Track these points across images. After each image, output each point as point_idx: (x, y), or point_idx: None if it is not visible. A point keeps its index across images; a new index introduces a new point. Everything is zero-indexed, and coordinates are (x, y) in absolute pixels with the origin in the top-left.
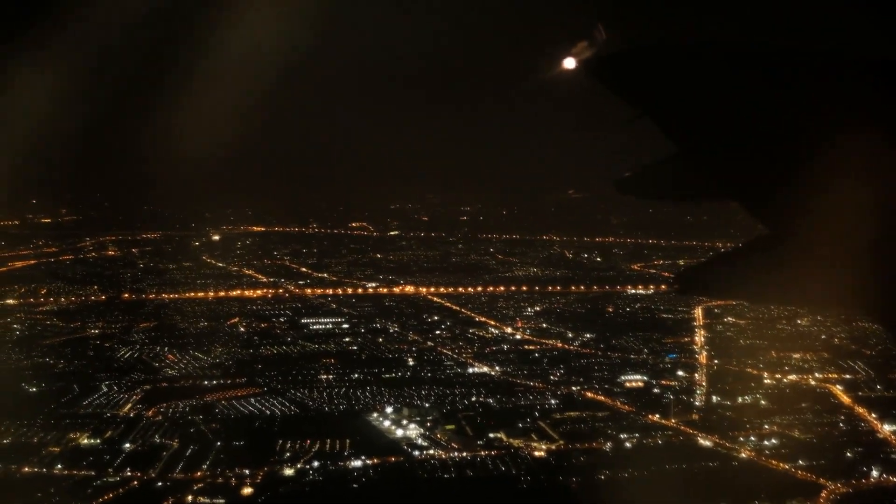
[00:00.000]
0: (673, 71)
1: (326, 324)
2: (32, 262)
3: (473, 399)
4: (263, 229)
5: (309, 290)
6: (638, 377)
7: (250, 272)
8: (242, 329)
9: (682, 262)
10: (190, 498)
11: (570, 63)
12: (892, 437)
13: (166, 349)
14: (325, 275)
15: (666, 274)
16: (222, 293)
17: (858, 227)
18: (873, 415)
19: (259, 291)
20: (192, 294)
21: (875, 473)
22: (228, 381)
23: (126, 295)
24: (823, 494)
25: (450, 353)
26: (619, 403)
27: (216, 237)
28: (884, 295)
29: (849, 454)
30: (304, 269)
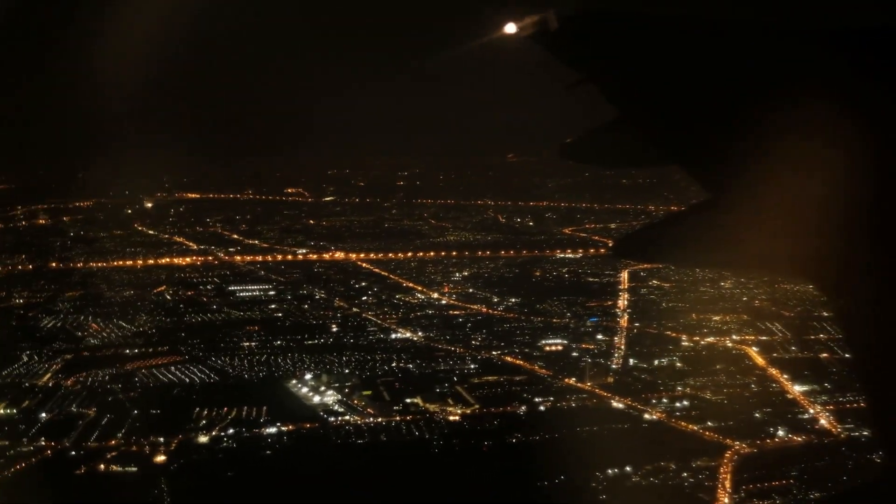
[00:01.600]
0: (618, 37)
1: (253, 291)
2: None
3: (394, 365)
4: (198, 196)
5: (238, 258)
6: (558, 341)
7: (181, 240)
8: (169, 297)
9: (613, 226)
10: (102, 466)
11: (510, 28)
12: (802, 397)
13: (90, 318)
14: (256, 242)
15: (596, 238)
16: (151, 261)
17: (797, 190)
18: (785, 376)
19: (188, 259)
20: (121, 262)
21: (781, 433)
22: (150, 350)
23: (54, 264)
24: (728, 455)
25: (374, 318)
26: (537, 367)
27: (149, 204)
28: (821, 257)
29: (757, 415)
30: (235, 237)
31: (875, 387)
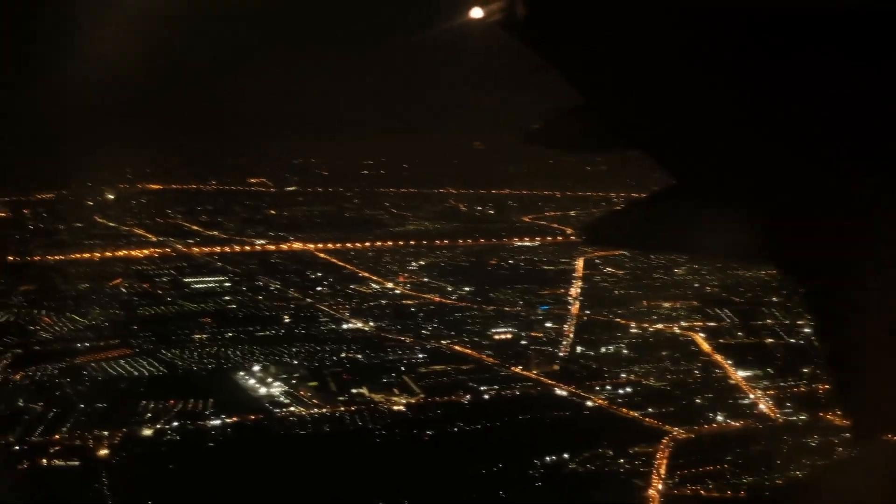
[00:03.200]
0: (584, 20)
1: (209, 283)
2: None
3: (343, 355)
4: (160, 187)
5: (196, 249)
6: (508, 329)
7: (141, 231)
8: (124, 290)
9: (573, 214)
10: (45, 461)
11: (477, 12)
12: (744, 383)
13: (43, 312)
14: (216, 232)
15: (555, 226)
16: (109, 254)
17: (763, 174)
18: (729, 361)
19: (146, 251)
20: (78, 255)
21: (719, 419)
22: (101, 343)
23: (10, 257)
24: (665, 440)
25: (327, 309)
26: (484, 356)
27: (111, 196)
28: (786, 241)
29: (698, 401)
30: (195, 228)
31: (842, 374)
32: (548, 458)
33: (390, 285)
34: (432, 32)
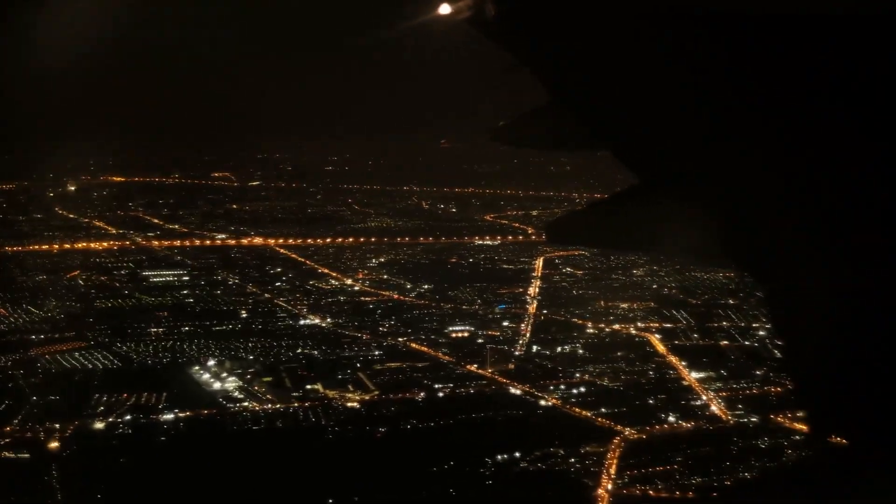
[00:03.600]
0: (553, 19)
1: (167, 276)
2: None
3: (299, 351)
4: (123, 179)
5: (157, 242)
6: (465, 328)
7: (101, 224)
8: (81, 282)
9: (535, 213)
10: None
11: (445, 9)
12: (696, 384)
13: None
14: (177, 226)
15: (516, 225)
16: (68, 245)
17: (731, 174)
18: (683, 363)
19: (105, 244)
20: (37, 247)
21: (672, 419)
22: (56, 336)
23: None
24: (616, 440)
25: (285, 304)
26: (440, 354)
27: (72, 188)
28: (753, 244)
29: (651, 401)
30: (156, 221)
31: (802, 370)
32: (499, 457)
33: (349, 282)
34: (399, 28)
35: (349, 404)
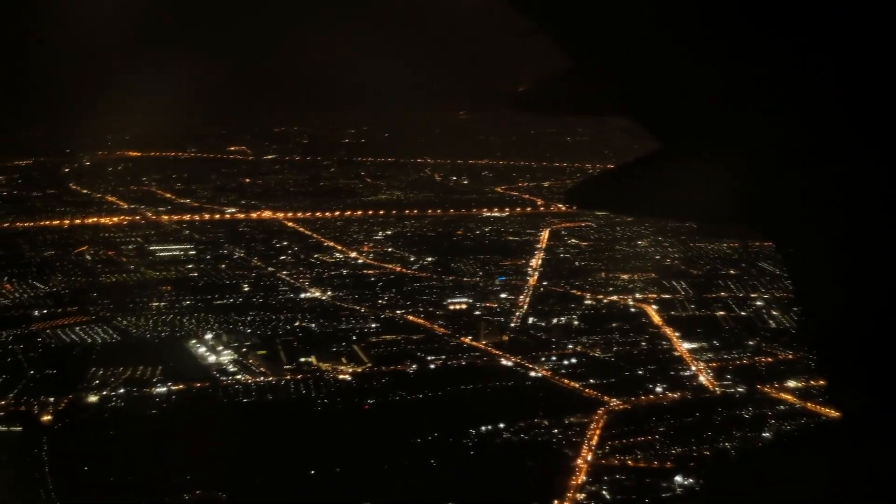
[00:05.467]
0: None
1: (174, 251)
2: None
3: (297, 324)
4: (139, 154)
5: (166, 217)
6: (463, 300)
7: (113, 199)
8: (88, 257)
9: (546, 185)
10: None
11: None
12: (688, 355)
13: (5, 279)
14: (188, 201)
15: (527, 196)
16: (78, 221)
17: (759, 133)
18: (677, 334)
19: (116, 219)
20: (48, 222)
21: (658, 390)
22: (59, 310)
23: None
24: (600, 411)
25: (287, 278)
26: (436, 326)
27: (88, 163)
28: (777, 205)
29: (640, 372)
30: (168, 196)
31: (822, 335)
32: (483, 428)
33: (353, 255)
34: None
35: (340, 377)
